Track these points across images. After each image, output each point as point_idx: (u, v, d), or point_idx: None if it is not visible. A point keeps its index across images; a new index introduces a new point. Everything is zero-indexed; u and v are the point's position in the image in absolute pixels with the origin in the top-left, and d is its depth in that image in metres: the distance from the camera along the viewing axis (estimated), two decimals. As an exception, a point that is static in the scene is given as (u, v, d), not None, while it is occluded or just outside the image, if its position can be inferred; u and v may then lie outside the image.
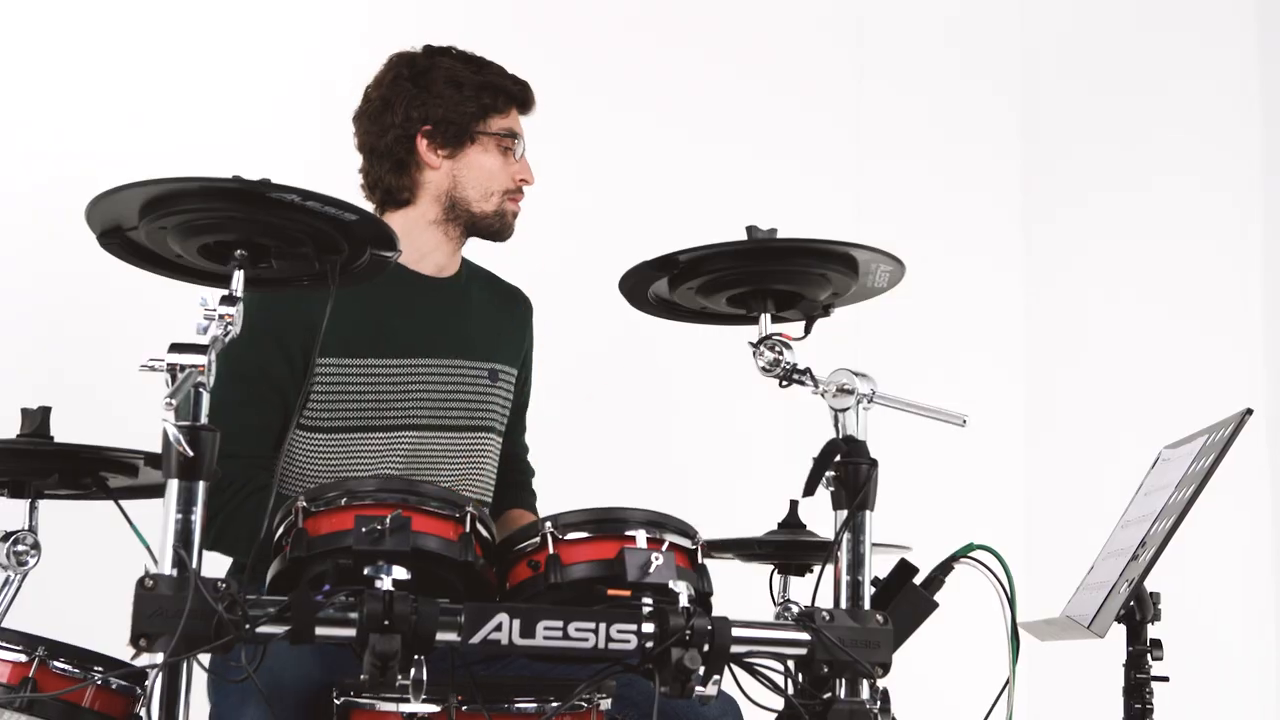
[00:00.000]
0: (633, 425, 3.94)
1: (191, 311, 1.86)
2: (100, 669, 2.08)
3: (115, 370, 2.28)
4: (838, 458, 2.03)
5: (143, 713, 1.94)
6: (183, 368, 1.76)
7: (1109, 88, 4.52)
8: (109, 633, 1.90)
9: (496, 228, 2.73)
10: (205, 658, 1.79)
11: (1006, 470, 4.46)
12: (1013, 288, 4.57)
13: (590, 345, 3.75)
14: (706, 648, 1.84)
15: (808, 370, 2.09)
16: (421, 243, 2.71)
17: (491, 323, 2.79)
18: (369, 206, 2.74)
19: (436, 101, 2.66)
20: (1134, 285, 4.36)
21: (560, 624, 1.82)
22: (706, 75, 4.22)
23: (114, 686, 2.07)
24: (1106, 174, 4.46)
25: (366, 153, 2.73)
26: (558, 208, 3.73)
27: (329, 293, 2.00)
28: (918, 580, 2.18)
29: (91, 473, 2.12)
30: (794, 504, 2.52)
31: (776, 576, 2.56)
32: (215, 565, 1.92)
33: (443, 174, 2.70)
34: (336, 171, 2.70)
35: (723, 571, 2.23)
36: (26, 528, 2.19)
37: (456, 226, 2.72)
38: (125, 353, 1.91)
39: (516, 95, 2.73)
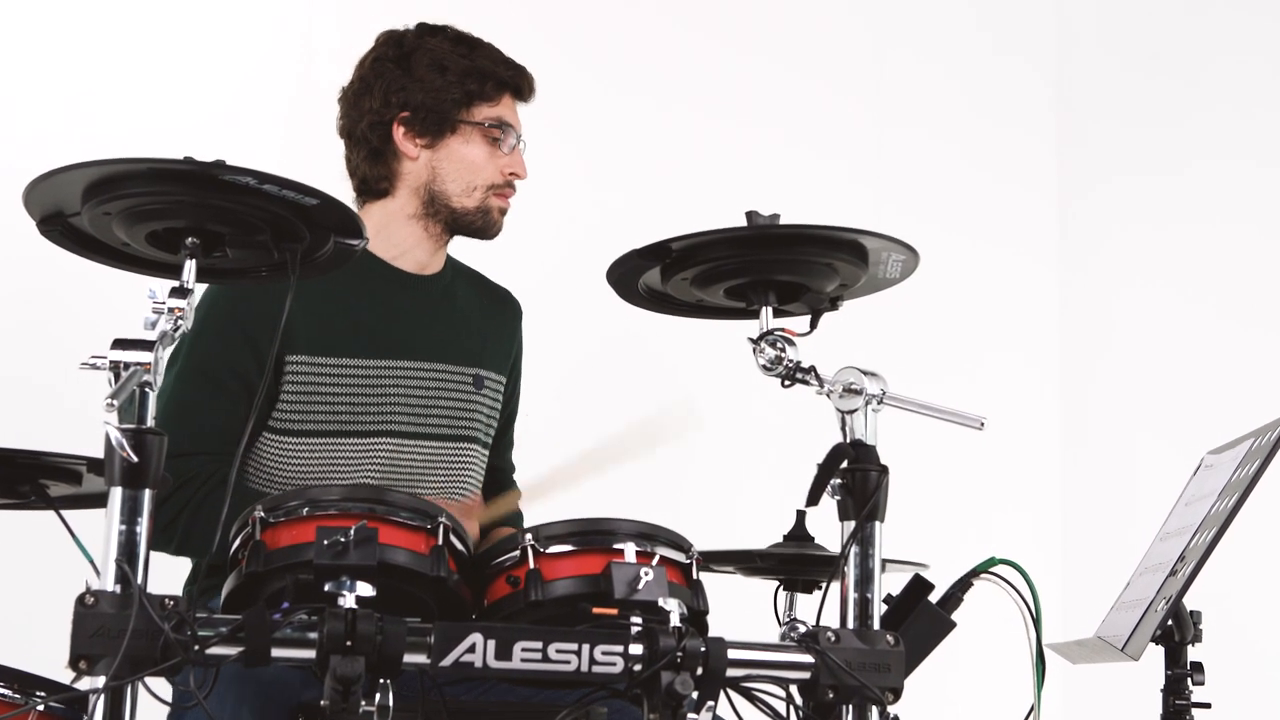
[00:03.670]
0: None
1: (141, 304, 1.85)
2: (43, 693, 2.08)
3: (56, 368, 2.28)
4: (844, 464, 2.02)
5: (86, 740, 1.93)
6: (126, 365, 1.76)
7: (1152, 61, 4.51)
8: (52, 654, 1.89)
9: (480, 225, 2.72)
10: (155, 683, 1.79)
11: (1040, 478, 4.45)
12: (1046, 280, 4.57)
13: (577, 340, 3.75)
14: (700, 671, 1.83)
15: (812, 369, 2.08)
16: (401, 237, 2.71)
17: (478, 326, 2.79)
18: (349, 195, 2.74)
19: (417, 86, 2.65)
20: (1178, 276, 4.35)
21: (539, 645, 1.82)
22: (708, 50, 4.21)
23: (58, 712, 2.07)
24: (1149, 156, 4.45)
25: (345, 137, 2.74)
26: (549, 196, 3.71)
27: (300, 286, 1.99)
28: (933, 598, 2.17)
29: (30, 480, 2.11)
30: (800, 514, 2.51)
31: (782, 593, 2.55)
32: (165, 581, 1.91)
33: (421, 165, 2.69)
34: (308, 158, 2.69)
35: (724, 588, 2.23)
36: (-39, 541, 2.20)
37: (437, 222, 2.71)
38: (67, 349, 1.90)
39: (509, 82, 2.71)
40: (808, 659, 1.93)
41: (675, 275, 2.12)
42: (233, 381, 2.52)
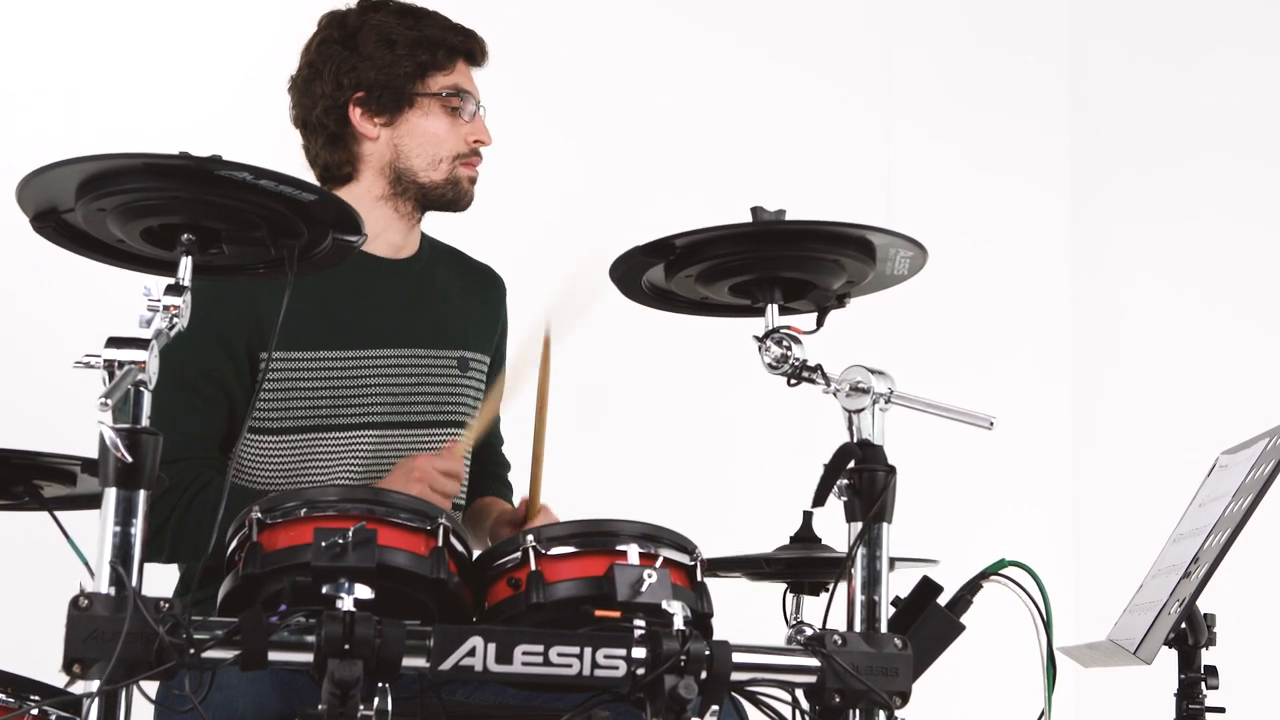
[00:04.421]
0: (625, 427, 3.94)
1: (136, 302, 1.85)
2: (36, 697, 2.08)
3: (50, 368, 2.28)
4: (851, 464, 2.02)
5: (80, 745, 1.93)
6: (121, 364, 1.76)
7: (1165, 56, 4.50)
8: (46, 657, 1.89)
9: (450, 197, 2.69)
10: (149, 686, 1.79)
11: (1051, 479, 4.45)
12: (1058, 277, 4.56)
13: (579, 338, 3.73)
14: (703, 675, 1.82)
15: (818, 367, 2.07)
16: (371, 222, 2.65)
17: (459, 306, 2.77)
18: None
19: (367, 64, 2.61)
20: (1191, 274, 4.34)
21: (540, 648, 1.81)
22: (714, 45, 4.21)
23: (53, 717, 2.07)
24: (1162, 151, 4.45)
25: (300, 127, 2.71)
26: (552, 192, 3.72)
27: (276, 284, 1.99)
28: (942, 600, 2.16)
29: (24, 481, 2.11)
30: (808, 516, 2.50)
31: (789, 596, 2.55)
32: (160, 584, 1.92)
33: (383, 144, 2.66)
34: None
35: (730, 590, 2.22)
36: (-47, 543, 2.20)
37: (407, 201, 2.69)
38: (61, 348, 1.90)
39: (460, 47, 2.67)
40: (814, 663, 1.92)
41: (679, 272, 2.11)
42: (207, 385, 2.50)
